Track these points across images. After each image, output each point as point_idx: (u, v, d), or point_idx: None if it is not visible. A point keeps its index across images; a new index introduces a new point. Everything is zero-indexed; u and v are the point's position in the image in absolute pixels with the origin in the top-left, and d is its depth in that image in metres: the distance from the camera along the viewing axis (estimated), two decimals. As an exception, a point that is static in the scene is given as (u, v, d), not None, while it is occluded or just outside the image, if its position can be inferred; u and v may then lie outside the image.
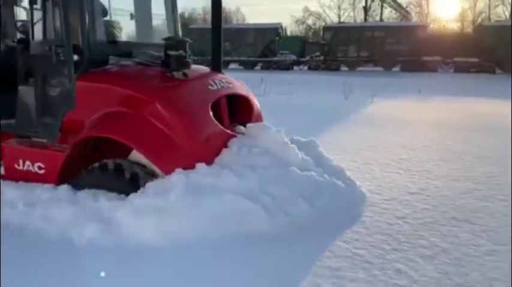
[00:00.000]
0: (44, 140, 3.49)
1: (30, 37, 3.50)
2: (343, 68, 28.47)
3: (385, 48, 27.33)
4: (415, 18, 43.58)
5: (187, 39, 3.55)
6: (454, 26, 44.17)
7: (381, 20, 41.61)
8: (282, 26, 34.03)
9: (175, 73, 3.43)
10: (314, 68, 29.09)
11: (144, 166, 3.20)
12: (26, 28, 3.80)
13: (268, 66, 28.95)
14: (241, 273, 2.48)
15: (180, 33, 4.27)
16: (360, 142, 6.15)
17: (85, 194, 3.12)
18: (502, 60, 24.92)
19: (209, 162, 3.20)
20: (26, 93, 3.52)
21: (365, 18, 42.87)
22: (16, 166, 3.50)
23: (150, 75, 3.49)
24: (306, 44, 32.15)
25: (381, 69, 27.65)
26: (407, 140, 6.43)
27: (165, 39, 3.60)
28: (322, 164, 3.73)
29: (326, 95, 12.59)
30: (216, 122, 3.45)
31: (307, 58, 29.85)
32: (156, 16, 4.24)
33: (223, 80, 3.83)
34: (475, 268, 2.56)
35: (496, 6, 43.23)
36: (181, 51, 3.43)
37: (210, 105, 3.45)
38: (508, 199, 3.81)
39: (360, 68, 28.14)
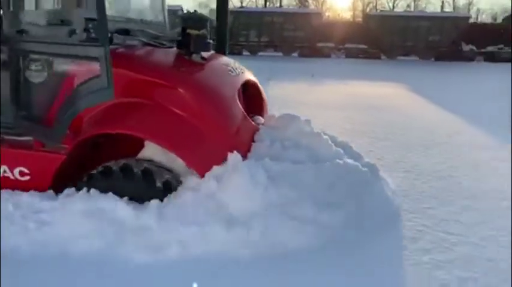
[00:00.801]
0: (29, 138, 2.81)
1: (11, 8, 2.71)
2: (245, 52, 28.95)
3: (284, 34, 28.34)
4: (312, 6, 45.85)
5: (207, 17, 3.14)
6: (347, 15, 47.74)
7: (280, 6, 43.02)
8: (182, 8, 33.27)
9: (194, 56, 2.99)
10: (217, 52, 29.01)
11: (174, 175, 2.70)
12: None
13: (169, 50, 28.23)
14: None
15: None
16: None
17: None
18: (386, 47, 27.49)
19: (243, 158, 2.76)
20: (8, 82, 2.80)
21: (265, 4, 43.93)
22: None
23: (167, 58, 2.99)
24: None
25: (280, 54, 28.69)
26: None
27: (183, 16, 3.19)
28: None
29: (225, 79, 12.72)
30: (244, 112, 3.03)
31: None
32: None
33: (237, 65, 3.49)
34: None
35: (382, -3, 47.65)
36: (203, 31, 3.00)
37: (236, 93, 3.04)
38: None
39: (260, 53, 28.86)
